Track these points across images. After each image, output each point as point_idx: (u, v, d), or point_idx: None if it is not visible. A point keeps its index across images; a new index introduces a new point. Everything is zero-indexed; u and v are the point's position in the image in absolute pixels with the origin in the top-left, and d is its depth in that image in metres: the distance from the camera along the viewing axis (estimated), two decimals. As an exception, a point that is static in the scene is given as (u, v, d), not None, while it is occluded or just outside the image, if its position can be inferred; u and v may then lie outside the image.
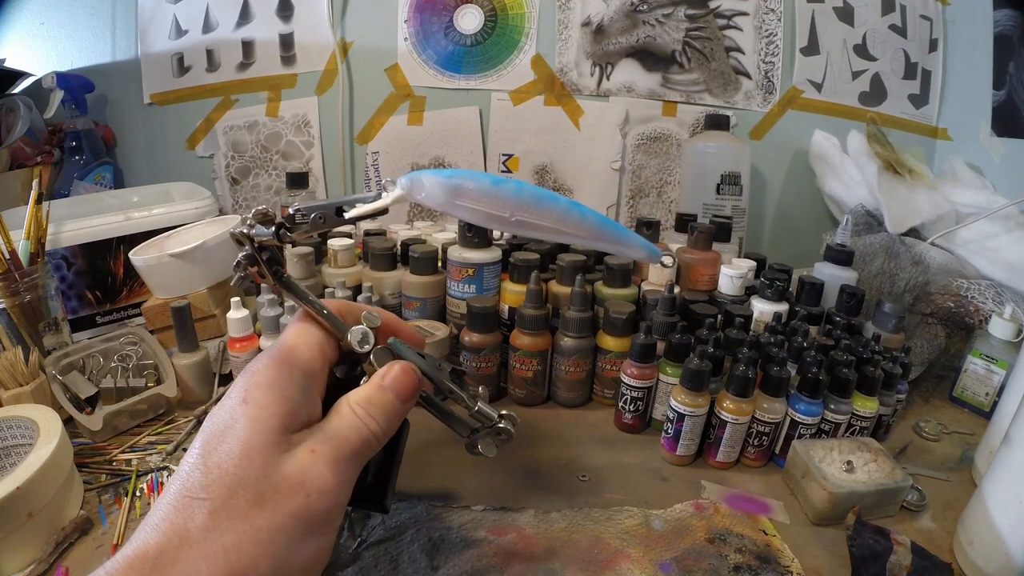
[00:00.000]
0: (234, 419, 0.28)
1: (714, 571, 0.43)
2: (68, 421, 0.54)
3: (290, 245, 0.38)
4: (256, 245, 0.34)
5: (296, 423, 0.29)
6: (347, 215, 0.35)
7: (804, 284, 0.67)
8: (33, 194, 0.66)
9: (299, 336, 0.33)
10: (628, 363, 0.58)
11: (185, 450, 0.55)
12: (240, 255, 0.34)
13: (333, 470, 0.28)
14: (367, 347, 0.34)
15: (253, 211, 0.34)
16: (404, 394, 0.33)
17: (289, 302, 0.62)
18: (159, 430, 0.59)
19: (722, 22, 1.01)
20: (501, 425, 0.38)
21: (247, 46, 1.03)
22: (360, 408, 0.31)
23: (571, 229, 0.40)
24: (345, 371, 0.36)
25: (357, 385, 0.34)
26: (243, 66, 1.03)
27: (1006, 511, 0.42)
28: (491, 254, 0.66)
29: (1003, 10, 0.97)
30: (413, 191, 0.35)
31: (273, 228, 0.34)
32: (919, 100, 1.07)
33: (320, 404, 0.32)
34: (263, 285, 0.64)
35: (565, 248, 0.73)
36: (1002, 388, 0.62)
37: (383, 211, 0.36)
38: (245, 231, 0.33)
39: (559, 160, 1.06)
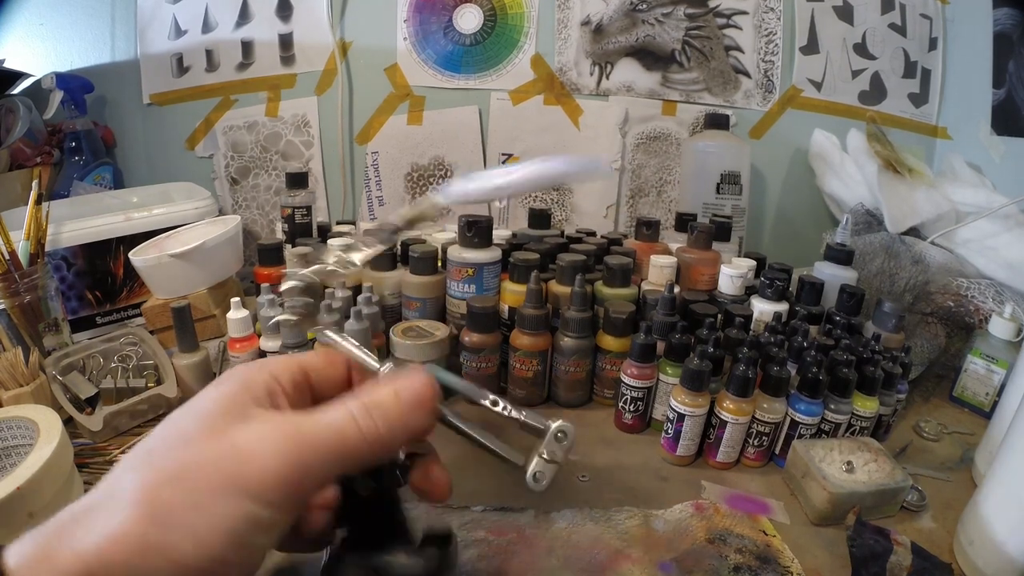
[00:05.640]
0: (199, 395, 0.28)
1: (714, 571, 0.43)
2: (68, 421, 0.54)
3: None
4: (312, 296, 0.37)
5: (255, 401, 0.28)
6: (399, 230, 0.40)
7: (804, 284, 0.67)
8: (33, 195, 0.66)
9: (286, 362, 0.32)
10: (628, 363, 0.58)
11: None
12: (295, 302, 0.36)
13: (279, 449, 0.26)
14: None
15: (311, 245, 0.39)
16: (414, 402, 0.29)
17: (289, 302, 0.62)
18: (159, 431, 0.59)
19: (721, 21, 1.01)
20: (555, 426, 0.33)
21: (246, 46, 1.02)
22: (357, 403, 0.28)
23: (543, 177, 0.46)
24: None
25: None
26: (242, 66, 1.03)
27: (1006, 511, 0.42)
28: (491, 254, 0.66)
29: (1002, 8, 0.96)
30: (447, 194, 0.42)
31: (328, 263, 0.37)
32: (919, 99, 1.07)
33: (286, 404, 0.30)
34: (264, 286, 0.65)
35: (565, 248, 0.73)
36: (1002, 388, 0.62)
37: (425, 217, 0.43)
38: (302, 273, 0.36)
39: (559, 160, 1.06)
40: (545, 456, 0.32)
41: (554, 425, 0.33)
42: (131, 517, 0.24)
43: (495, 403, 0.34)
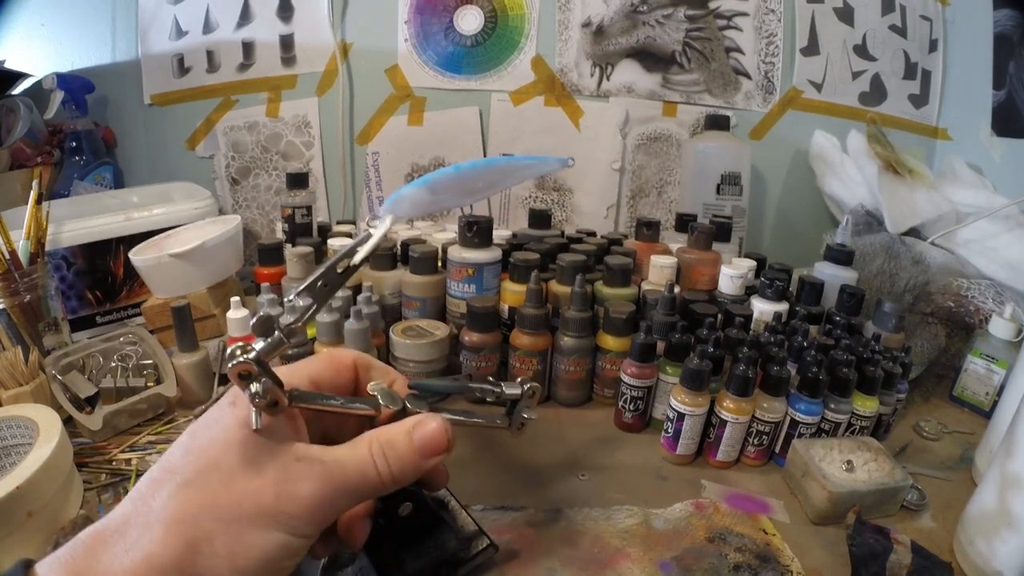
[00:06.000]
0: (222, 415, 0.29)
1: (714, 570, 0.43)
2: (68, 421, 0.54)
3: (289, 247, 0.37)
4: (267, 373, 0.28)
5: (281, 435, 0.29)
6: (354, 261, 0.34)
7: (804, 284, 0.67)
8: (33, 194, 0.66)
9: (291, 374, 0.33)
10: (628, 362, 0.58)
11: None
12: (255, 390, 0.28)
13: (313, 487, 0.28)
14: (398, 405, 0.34)
15: (252, 324, 0.30)
16: (427, 451, 0.32)
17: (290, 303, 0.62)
18: (159, 430, 0.59)
19: (722, 22, 1.01)
20: (527, 388, 0.41)
21: (247, 47, 1.03)
22: (378, 446, 0.31)
23: (509, 175, 0.45)
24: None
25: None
26: (243, 67, 1.04)
27: (1006, 511, 0.42)
28: (491, 254, 0.66)
29: (1003, 10, 0.97)
30: (398, 210, 0.36)
31: (276, 333, 0.30)
32: (919, 100, 1.07)
33: (305, 428, 0.32)
34: (264, 286, 0.64)
35: (565, 248, 0.73)
36: (1002, 388, 0.62)
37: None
38: (249, 358, 0.28)
39: (559, 160, 1.06)
40: (525, 415, 0.41)
41: (525, 387, 0.41)
42: (167, 542, 0.25)
43: (482, 392, 0.40)
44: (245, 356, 0.28)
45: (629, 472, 0.54)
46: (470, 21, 1.01)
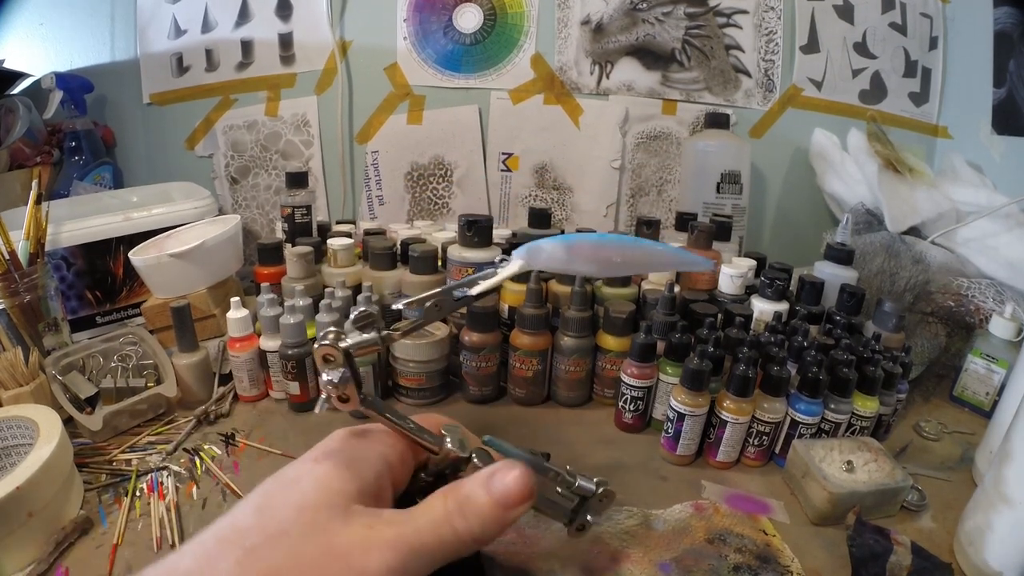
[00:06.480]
0: (301, 475, 0.28)
1: (714, 571, 0.43)
2: (68, 421, 0.54)
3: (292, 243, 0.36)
4: (350, 366, 0.29)
5: (364, 498, 0.28)
6: (471, 292, 0.34)
7: (804, 283, 0.67)
8: (32, 194, 0.66)
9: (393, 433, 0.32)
10: (628, 363, 0.58)
11: (187, 450, 0.56)
12: (330, 377, 0.28)
13: (383, 558, 0.26)
14: (465, 452, 0.32)
15: (353, 316, 0.30)
16: (508, 502, 0.29)
17: (289, 302, 0.62)
18: (159, 430, 0.59)
19: (722, 20, 1.01)
20: (602, 491, 0.37)
21: (246, 46, 1.02)
22: (453, 502, 0.29)
23: (648, 259, 0.42)
24: (434, 475, 0.34)
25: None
26: (242, 66, 1.03)
27: (1006, 511, 0.42)
28: (491, 253, 0.66)
29: (1003, 8, 0.96)
30: (532, 259, 0.36)
31: (374, 333, 0.30)
32: (919, 98, 1.07)
33: (391, 494, 0.31)
34: (264, 285, 0.64)
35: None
36: (1002, 387, 0.62)
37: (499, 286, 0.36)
38: (338, 345, 0.28)
39: (559, 159, 1.06)
40: (589, 518, 0.37)
41: (600, 490, 0.36)
42: None
43: (557, 476, 0.36)
44: (333, 341, 0.27)
45: (629, 472, 0.55)
46: (469, 19, 1.01)
